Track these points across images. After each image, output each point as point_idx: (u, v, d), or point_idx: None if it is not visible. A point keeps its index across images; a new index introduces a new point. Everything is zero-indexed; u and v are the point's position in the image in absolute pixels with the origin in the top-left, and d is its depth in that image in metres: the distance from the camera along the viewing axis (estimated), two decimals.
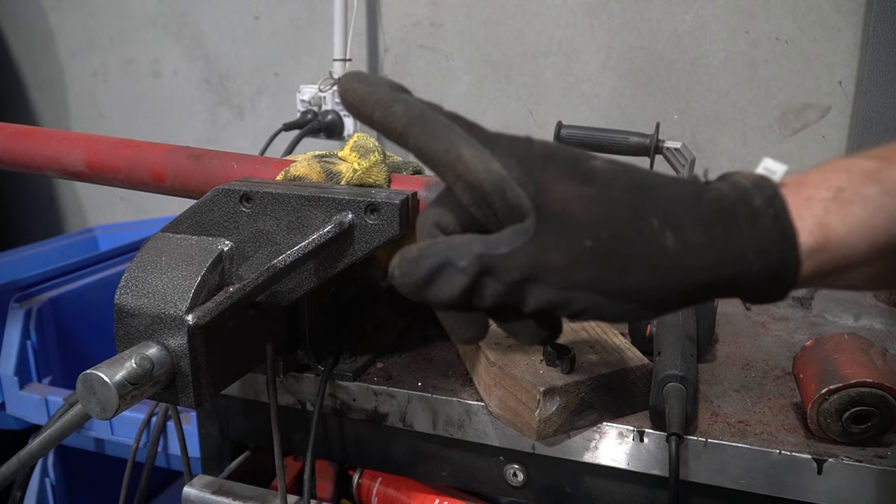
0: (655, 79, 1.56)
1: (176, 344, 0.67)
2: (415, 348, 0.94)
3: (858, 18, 1.39)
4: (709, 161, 1.55)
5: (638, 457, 0.77)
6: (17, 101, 2.22)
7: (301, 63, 1.87)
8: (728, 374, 0.88)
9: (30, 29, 2.16)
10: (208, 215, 0.74)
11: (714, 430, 0.75)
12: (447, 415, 0.83)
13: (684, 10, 1.51)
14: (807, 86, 1.46)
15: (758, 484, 0.73)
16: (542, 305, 0.44)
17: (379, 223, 0.69)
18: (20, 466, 0.85)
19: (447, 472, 0.87)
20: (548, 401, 0.73)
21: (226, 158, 0.82)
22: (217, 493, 0.88)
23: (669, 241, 0.42)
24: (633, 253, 0.42)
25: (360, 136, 0.79)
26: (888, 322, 1.09)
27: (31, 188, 2.33)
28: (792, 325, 1.06)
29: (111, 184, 0.89)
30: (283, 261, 0.68)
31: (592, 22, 1.58)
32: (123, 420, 1.26)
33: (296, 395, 0.89)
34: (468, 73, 1.71)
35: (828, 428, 0.73)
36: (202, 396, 0.69)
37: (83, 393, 0.62)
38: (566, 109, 1.65)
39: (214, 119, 2.02)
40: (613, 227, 0.42)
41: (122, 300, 0.69)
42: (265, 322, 0.79)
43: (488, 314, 0.48)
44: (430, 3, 1.71)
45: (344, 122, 1.67)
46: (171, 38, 2.00)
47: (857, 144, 1.37)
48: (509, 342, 0.83)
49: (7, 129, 0.93)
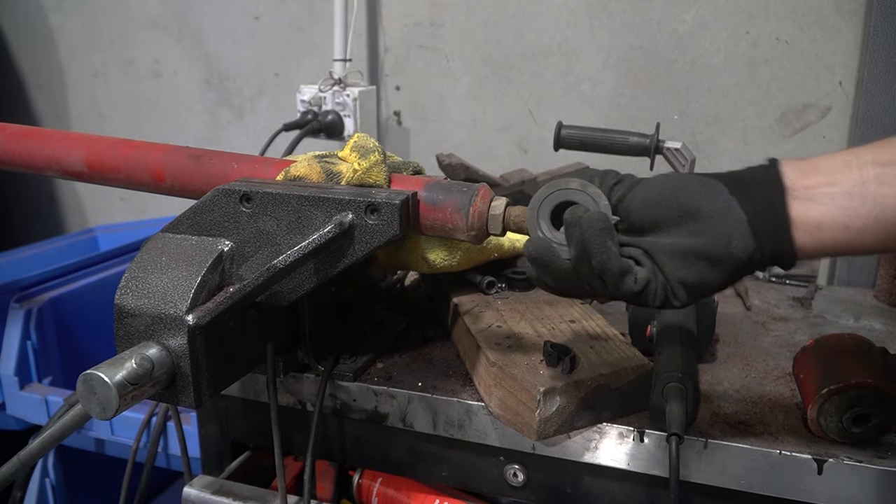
0: (655, 79, 1.56)
1: (176, 344, 0.67)
2: (415, 348, 0.94)
3: (858, 18, 1.39)
4: (709, 161, 1.55)
5: (638, 457, 0.77)
6: (17, 101, 2.22)
7: (301, 63, 1.87)
8: (728, 374, 0.88)
9: (30, 29, 2.15)
10: (208, 215, 0.74)
11: (714, 430, 0.75)
12: (447, 415, 0.83)
13: (684, 10, 1.51)
14: (807, 86, 1.46)
15: (758, 484, 0.73)
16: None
17: (379, 223, 0.69)
18: (20, 466, 0.85)
19: (447, 472, 0.87)
20: (548, 401, 0.73)
21: (226, 158, 0.82)
22: (217, 493, 0.88)
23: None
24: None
25: (361, 136, 0.79)
26: (888, 322, 1.09)
27: (31, 188, 2.32)
28: (792, 326, 1.06)
29: (111, 184, 0.89)
30: (284, 261, 0.68)
31: (592, 22, 1.58)
32: (123, 420, 1.26)
33: (296, 395, 0.89)
34: (468, 73, 1.71)
35: (828, 428, 0.73)
36: (202, 397, 0.69)
37: (83, 393, 0.62)
38: (566, 109, 1.65)
39: (214, 119, 2.02)
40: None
41: (123, 300, 0.69)
42: (265, 322, 0.78)
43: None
44: (430, 3, 1.70)
45: (344, 123, 1.66)
46: (172, 39, 2.00)
47: (857, 144, 1.37)
48: (509, 343, 0.83)
49: (7, 130, 0.93)
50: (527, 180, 1.31)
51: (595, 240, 0.59)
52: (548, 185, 0.65)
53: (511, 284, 0.99)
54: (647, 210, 0.60)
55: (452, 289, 0.99)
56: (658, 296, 0.59)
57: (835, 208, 0.55)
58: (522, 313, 0.91)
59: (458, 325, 0.92)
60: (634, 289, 0.59)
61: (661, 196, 0.60)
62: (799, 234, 0.56)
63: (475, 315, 0.90)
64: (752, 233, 0.56)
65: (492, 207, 0.71)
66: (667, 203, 0.59)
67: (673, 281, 0.59)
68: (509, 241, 0.97)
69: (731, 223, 0.57)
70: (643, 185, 0.62)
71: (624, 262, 0.59)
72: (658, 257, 0.59)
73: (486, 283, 0.97)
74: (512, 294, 0.98)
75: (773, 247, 0.57)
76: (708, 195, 0.58)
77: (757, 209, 0.57)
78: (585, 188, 0.63)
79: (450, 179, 0.76)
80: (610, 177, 0.64)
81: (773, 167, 0.58)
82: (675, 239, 0.59)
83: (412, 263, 0.87)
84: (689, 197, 0.59)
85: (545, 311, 0.92)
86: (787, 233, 0.56)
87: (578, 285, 0.62)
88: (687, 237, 0.58)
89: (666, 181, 0.61)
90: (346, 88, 1.65)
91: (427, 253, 0.86)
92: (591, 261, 0.59)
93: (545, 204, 0.65)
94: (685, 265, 0.58)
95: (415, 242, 0.85)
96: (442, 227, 0.73)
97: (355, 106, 1.65)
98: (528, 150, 1.71)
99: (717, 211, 0.57)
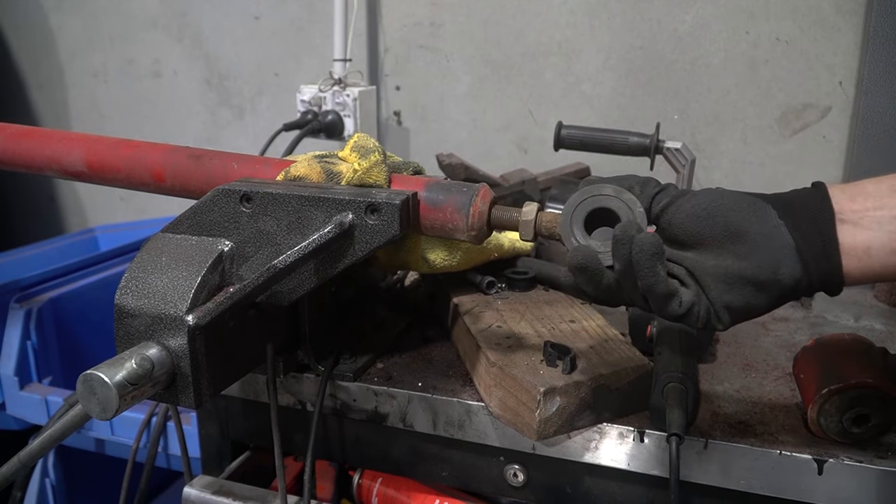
0: (655, 79, 1.56)
1: (176, 344, 0.67)
2: (415, 348, 0.94)
3: (858, 18, 1.39)
4: (709, 161, 1.55)
5: (638, 457, 0.77)
6: (17, 101, 2.22)
7: (301, 63, 1.87)
8: (728, 374, 0.88)
9: (30, 29, 2.15)
10: (208, 215, 0.74)
11: (714, 430, 0.75)
12: (447, 415, 0.83)
13: (684, 10, 1.51)
14: (807, 86, 1.46)
15: (758, 484, 0.73)
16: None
17: (379, 223, 0.69)
18: (20, 466, 0.85)
19: (447, 472, 0.87)
20: (548, 401, 0.73)
21: (226, 158, 0.82)
22: (217, 493, 0.88)
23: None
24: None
25: (361, 136, 0.79)
26: (888, 322, 1.09)
27: (31, 188, 2.32)
28: (792, 326, 1.06)
29: (111, 184, 0.89)
30: (284, 261, 0.68)
31: (592, 22, 1.58)
32: (123, 420, 1.26)
33: (296, 395, 0.89)
34: (468, 73, 1.71)
35: (828, 428, 0.73)
36: (202, 397, 0.69)
37: (83, 393, 0.62)
38: (566, 109, 1.65)
39: (214, 119, 2.02)
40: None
41: (123, 300, 0.69)
42: (265, 322, 0.78)
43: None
44: (430, 3, 1.71)
45: (344, 123, 1.67)
46: (172, 39, 2.00)
47: (857, 145, 1.37)
48: (509, 343, 0.83)
49: (7, 129, 0.93)
50: (527, 180, 1.31)
51: (645, 263, 0.57)
52: (581, 190, 0.64)
53: (511, 284, 0.99)
54: (692, 225, 0.59)
55: (452, 289, 0.99)
56: (701, 318, 0.58)
57: (882, 233, 0.55)
58: (522, 313, 0.91)
59: (458, 325, 0.92)
60: (679, 312, 0.58)
61: (708, 213, 0.59)
62: (847, 260, 0.55)
63: (475, 315, 0.90)
64: (799, 259, 0.56)
65: (523, 213, 0.70)
66: (713, 220, 0.58)
67: (718, 305, 0.58)
68: (509, 241, 0.97)
69: (778, 248, 0.56)
70: (689, 199, 0.60)
71: (671, 285, 0.58)
72: (703, 279, 0.58)
73: (486, 283, 0.97)
74: (512, 294, 0.98)
75: (821, 273, 0.56)
76: (756, 217, 0.57)
77: (805, 235, 0.56)
78: (620, 195, 0.62)
79: (450, 179, 0.76)
80: (651, 185, 0.63)
81: (821, 190, 0.57)
82: (720, 261, 0.58)
83: (412, 263, 0.87)
84: (738, 217, 0.57)
85: (545, 311, 0.92)
86: (836, 259, 0.55)
87: (619, 296, 0.61)
88: (733, 260, 0.57)
89: (714, 197, 0.60)
90: (346, 88, 1.65)
91: (427, 253, 0.86)
92: (638, 282, 0.58)
93: (579, 210, 0.64)
94: (731, 289, 0.57)
95: (415, 242, 0.85)
96: (442, 227, 0.73)
97: (355, 106, 1.65)
98: (528, 150, 1.71)
99: (766, 235, 0.56)
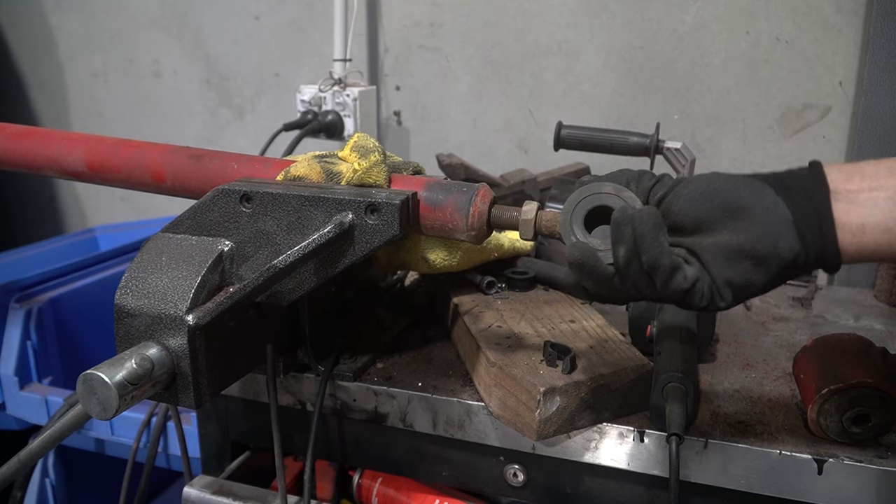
0: (656, 79, 1.56)
1: (176, 344, 0.67)
2: (415, 348, 0.94)
3: (858, 19, 1.39)
4: (709, 161, 1.55)
5: (638, 457, 0.77)
6: (17, 101, 2.22)
7: (301, 63, 1.87)
8: (728, 374, 0.88)
9: (30, 29, 2.15)
10: (208, 215, 0.74)
11: (714, 430, 0.75)
12: (447, 415, 0.83)
13: (684, 10, 1.51)
14: (807, 86, 1.46)
15: (758, 484, 0.73)
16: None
17: (379, 223, 0.69)
18: (20, 466, 0.85)
19: (447, 472, 0.87)
20: (548, 401, 0.73)
21: (226, 158, 0.82)
22: (217, 493, 0.88)
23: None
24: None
25: (361, 136, 0.79)
26: (888, 322, 1.09)
27: (31, 188, 2.32)
28: (792, 326, 1.06)
29: (111, 184, 0.89)
30: (284, 261, 0.68)
31: (592, 22, 1.58)
32: (123, 420, 1.26)
33: (296, 395, 0.89)
34: (468, 73, 1.71)
35: (828, 428, 0.73)
36: (202, 397, 0.69)
37: (83, 393, 0.62)
38: (566, 109, 1.65)
39: (214, 119, 2.02)
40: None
41: (123, 300, 0.69)
42: (265, 322, 0.78)
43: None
44: (430, 3, 1.70)
45: (344, 123, 1.66)
46: (172, 39, 2.00)
47: (857, 145, 1.37)
48: (509, 343, 0.83)
49: (7, 129, 0.93)
50: (527, 180, 1.31)
51: (648, 234, 0.58)
52: (580, 189, 0.64)
53: (511, 284, 0.99)
54: (690, 208, 0.60)
55: (452, 289, 0.99)
56: (705, 296, 0.58)
57: (877, 211, 0.55)
58: (522, 313, 0.91)
59: (458, 325, 0.92)
60: (684, 286, 0.58)
61: (706, 194, 0.59)
62: (842, 236, 0.56)
63: (475, 315, 0.90)
64: (797, 233, 0.56)
65: (523, 213, 0.70)
66: (711, 201, 0.59)
67: (719, 281, 0.58)
68: (509, 241, 0.97)
69: (777, 222, 0.57)
70: (686, 185, 0.61)
71: (675, 258, 0.58)
72: (703, 256, 0.59)
73: (486, 283, 0.97)
74: (512, 294, 0.98)
75: (818, 248, 0.56)
76: (754, 194, 0.58)
77: (801, 210, 0.56)
78: (619, 192, 0.62)
79: (450, 179, 0.76)
80: (646, 178, 0.64)
81: (817, 169, 0.58)
82: (720, 237, 0.58)
83: (412, 263, 0.87)
84: (735, 195, 0.58)
85: (545, 311, 0.92)
86: (832, 234, 0.56)
87: (620, 289, 0.61)
88: (732, 235, 0.58)
89: (711, 179, 0.60)
90: (346, 88, 1.65)
91: (427, 253, 0.86)
92: (642, 257, 0.58)
93: (578, 209, 0.64)
94: (731, 264, 0.58)
95: (415, 242, 0.85)
96: (442, 227, 0.73)
97: (355, 106, 1.65)
98: (528, 150, 1.71)
99: (764, 209, 0.57)
